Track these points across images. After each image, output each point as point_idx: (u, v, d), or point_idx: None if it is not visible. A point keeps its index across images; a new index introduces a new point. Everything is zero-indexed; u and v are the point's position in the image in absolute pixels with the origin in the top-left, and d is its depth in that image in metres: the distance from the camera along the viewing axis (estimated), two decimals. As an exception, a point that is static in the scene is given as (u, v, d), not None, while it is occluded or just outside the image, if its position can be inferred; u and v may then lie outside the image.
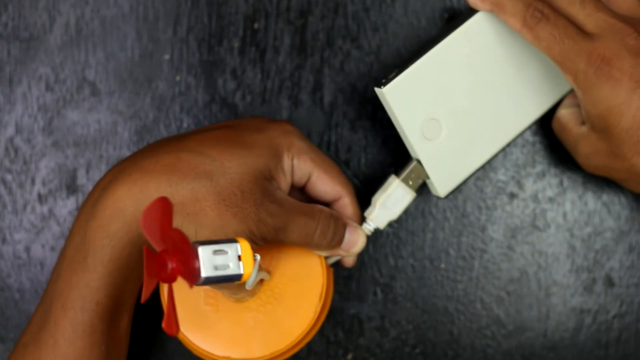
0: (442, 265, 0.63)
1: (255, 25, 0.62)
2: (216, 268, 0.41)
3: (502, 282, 0.63)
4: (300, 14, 0.62)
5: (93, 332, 0.50)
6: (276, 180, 0.53)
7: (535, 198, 0.63)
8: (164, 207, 0.38)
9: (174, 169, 0.50)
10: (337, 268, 0.62)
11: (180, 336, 0.55)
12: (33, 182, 0.62)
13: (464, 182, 0.59)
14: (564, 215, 0.63)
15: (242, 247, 0.42)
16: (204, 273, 0.40)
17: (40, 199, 0.62)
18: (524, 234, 0.63)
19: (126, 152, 0.62)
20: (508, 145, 0.60)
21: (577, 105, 0.58)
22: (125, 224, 0.49)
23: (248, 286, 0.46)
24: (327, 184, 0.55)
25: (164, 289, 0.55)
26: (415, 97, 0.57)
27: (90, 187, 0.62)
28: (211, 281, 0.41)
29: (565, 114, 0.59)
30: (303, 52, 0.62)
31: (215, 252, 0.41)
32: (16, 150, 0.62)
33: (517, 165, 0.63)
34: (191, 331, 0.54)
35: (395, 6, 0.62)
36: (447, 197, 0.59)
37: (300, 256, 0.55)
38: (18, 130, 0.62)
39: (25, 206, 0.62)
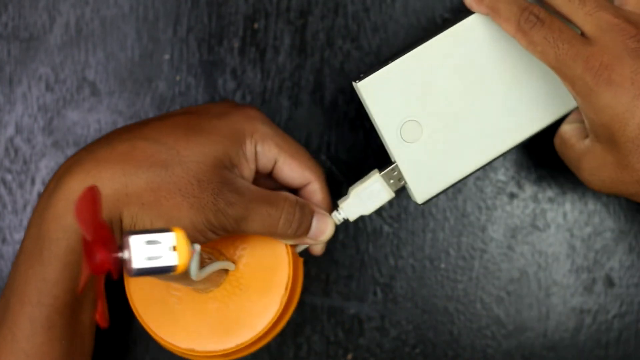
0: (442, 265, 0.63)
1: (255, 25, 0.62)
2: (149, 259, 0.39)
3: (502, 282, 0.63)
4: (300, 14, 0.62)
5: (52, 326, 0.49)
6: (238, 168, 0.51)
7: (535, 198, 0.63)
8: (93, 196, 0.37)
9: (128, 157, 0.48)
10: (336, 267, 0.62)
11: (145, 328, 0.54)
12: (33, 182, 0.62)
13: (445, 191, 0.56)
14: (564, 215, 0.63)
15: (177, 236, 0.40)
16: (135, 264, 0.39)
17: (40, 199, 0.62)
18: (524, 234, 0.63)
19: (126, 152, 0.62)
20: (498, 158, 0.57)
21: (581, 121, 0.55)
22: None
23: (193, 277, 0.44)
24: (294, 170, 0.53)
25: (129, 284, 0.54)
26: (394, 96, 0.54)
27: (90, 187, 0.62)
28: (144, 272, 0.39)
29: (567, 129, 0.55)
30: (303, 52, 0.62)
31: (149, 242, 0.39)
32: (16, 150, 0.62)
33: (517, 165, 0.63)
34: (156, 322, 0.53)
35: (395, 6, 0.62)
36: (424, 204, 0.56)
37: (266, 246, 0.54)
38: (18, 130, 0.62)
39: (25, 206, 0.62)
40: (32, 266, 0.49)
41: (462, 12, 0.56)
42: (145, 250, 0.39)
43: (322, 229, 0.54)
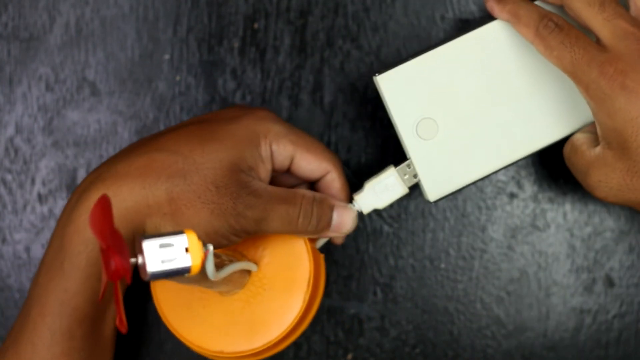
0: (442, 265, 0.63)
1: (255, 25, 0.62)
2: (163, 262, 0.40)
3: (502, 282, 0.63)
4: (300, 14, 0.62)
5: (72, 337, 0.50)
6: (255, 170, 0.52)
7: (535, 198, 0.63)
8: (104, 205, 0.38)
9: (147, 170, 0.50)
10: (336, 267, 0.62)
11: (174, 332, 0.55)
12: (33, 182, 0.62)
13: (459, 191, 0.57)
14: (564, 215, 0.63)
15: (189, 238, 0.41)
16: (150, 268, 0.40)
17: (40, 199, 0.62)
18: (524, 234, 0.63)
19: (126, 152, 0.62)
20: (514, 164, 0.58)
21: (594, 132, 0.55)
22: None
23: (211, 277, 0.45)
24: (311, 163, 0.54)
25: (156, 291, 0.55)
26: (412, 92, 0.55)
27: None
28: (159, 275, 0.40)
29: (580, 137, 0.56)
30: (303, 52, 0.62)
31: (162, 245, 0.40)
32: (16, 150, 0.62)
33: (517, 165, 0.63)
34: (184, 327, 0.54)
35: (395, 6, 0.62)
36: (436, 202, 0.57)
37: (286, 245, 0.55)
38: (18, 130, 0.62)
39: (25, 206, 0.62)
40: (53, 278, 0.50)
41: (483, 19, 0.57)
42: (159, 254, 0.40)
43: (344, 221, 0.54)
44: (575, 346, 0.63)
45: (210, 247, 0.44)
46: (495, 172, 0.57)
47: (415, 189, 0.58)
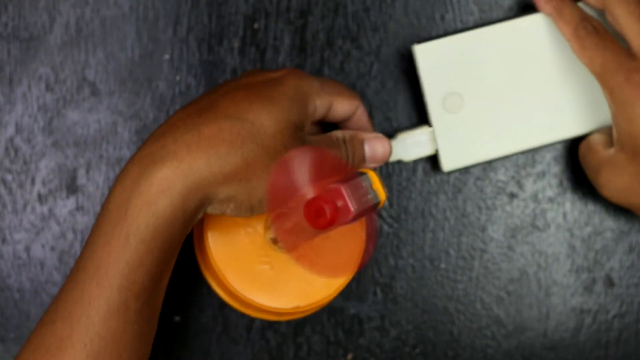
0: (442, 265, 0.63)
1: (255, 25, 0.62)
2: (359, 201, 0.45)
3: (502, 282, 0.63)
4: (300, 14, 0.62)
5: (127, 311, 0.50)
6: (305, 126, 0.54)
7: (535, 198, 0.63)
8: (316, 153, 0.42)
9: (219, 140, 0.50)
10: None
11: (248, 301, 0.55)
12: (33, 182, 0.62)
13: (472, 166, 0.61)
14: (564, 215, 0.63)
15: (372, 177, 0.47)
16: (352, 207, 0.45)
17: (40, 199, 0.62)
18: (524, 234, 0.63)
19: (126, 152, 0.62)
20: (530, 151, 0.61)
21: (609, 134, 0.59)
22: (172, 202, 0.49)
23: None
24: (345, 105, 0.56)
25: (219, 265, 0.55)
26: (445, 66, 0.59)
27: (90, 187, 0.62)
28: (359, 215, 0.45)
29: (596, 136, 0.60)
30: (303, 52, 0.62)
31: (353, 187, 0.45)
32: (16, 150, 0.62)
33: (517, 165, 0.63)
34: (254, 293, 0.55)
35: (395, 6, 0.62)
36: (450, 173, 0.61)
37: None
38: (18, 130, 0.62)
39: (25, 206, 0.62)
40: (113, 250, 0.50)
41: (529, 9, 0.60)
42: (356, 195, 0.45)
43: (377, 151, 0.56)
44: (575, 346, 0.63)
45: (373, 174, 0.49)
46: (509, 156, 0.61)
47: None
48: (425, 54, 0.59)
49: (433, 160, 0.62)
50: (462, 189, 0.63)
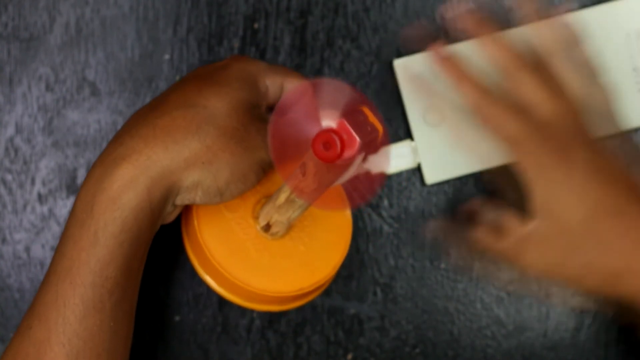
0: (442, 265, 0.63)
1: (255, 25, 0.62)
2: (361, 132, 0.46)
3: (502, 282, 0.63)
4: (300, 14, 0.62)
5: (102, 308, 0.50)
6: (260, 106, 0.54)
7: (535, 198, 0.63)
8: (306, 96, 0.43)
9: (173, 128, 0.51)
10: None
11: (248, 288, 0.55)
12: (33, 182, 0.62)
13: (456, 180, 0.60)
14: (564, 215, 0.63)
15: (366, 112, 0.48)
16: (357, 136, 0.47)
17: (40, 199, 0.62)
18: (524, 234, 0.63)
19: (126, 152, 0.62)
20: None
21: (520, 211, 0.56)
22: (137, 194, 0.50)
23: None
24: (296, 83, 0.56)
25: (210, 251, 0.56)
26: (425, 80, 0.59)
27: (90, 187, 0.62)
28: (362, 147, 0.47)
29: (506, 218, 0.56)
30: (303, 52, 0.62)
31: (353, 119, 0.47)
32: (16, 150, 0.62)
33: (517, 165, 0.63)
34: (257, 282, 0.55)
35: (395, 6, 0.62)
36: (432, 186, 0.61)
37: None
38: (18, 130, 0.62)
39: (25, 206, 0.62)
40: (83, 248, 0.50)
41: None
42: (356, 127, 0.46)
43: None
44: (575, 346, 0.63)
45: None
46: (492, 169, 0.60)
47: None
48: (405, 68, 0.59)
49: (433, 160, 0.62)
50: (463, 188, 0.63)
